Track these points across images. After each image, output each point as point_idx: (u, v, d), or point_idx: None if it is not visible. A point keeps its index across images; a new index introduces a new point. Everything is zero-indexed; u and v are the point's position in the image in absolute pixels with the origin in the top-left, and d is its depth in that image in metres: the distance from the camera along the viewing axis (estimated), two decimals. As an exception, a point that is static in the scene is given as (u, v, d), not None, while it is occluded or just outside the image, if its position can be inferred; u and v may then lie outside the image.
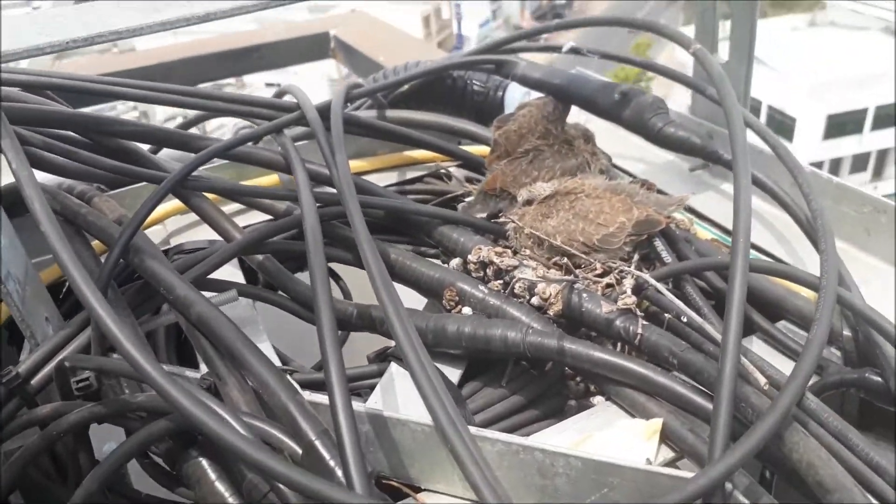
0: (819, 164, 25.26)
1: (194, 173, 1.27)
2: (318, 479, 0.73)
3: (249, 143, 1.28)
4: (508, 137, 1.30)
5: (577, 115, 1.46)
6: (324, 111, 1.29)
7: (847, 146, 25.65)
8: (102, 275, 1.04)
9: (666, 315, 1.09)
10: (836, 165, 25.95)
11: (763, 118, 25.82)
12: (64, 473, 1.08)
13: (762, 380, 0.87)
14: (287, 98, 1.38)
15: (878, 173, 26.62)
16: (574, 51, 1.52)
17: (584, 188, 1.24)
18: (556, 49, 1.54)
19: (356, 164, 1.65)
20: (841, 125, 25.23)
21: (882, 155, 26.27)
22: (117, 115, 3.79)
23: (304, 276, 1.50)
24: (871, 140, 25.62)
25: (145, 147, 1.41)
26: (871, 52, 25.55)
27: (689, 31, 1.47)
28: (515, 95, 1.60)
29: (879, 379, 0.97)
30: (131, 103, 4.57)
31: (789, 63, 25.37)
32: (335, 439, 0.79)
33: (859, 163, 26.20)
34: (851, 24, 28.23)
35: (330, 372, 0.82)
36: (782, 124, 25.61)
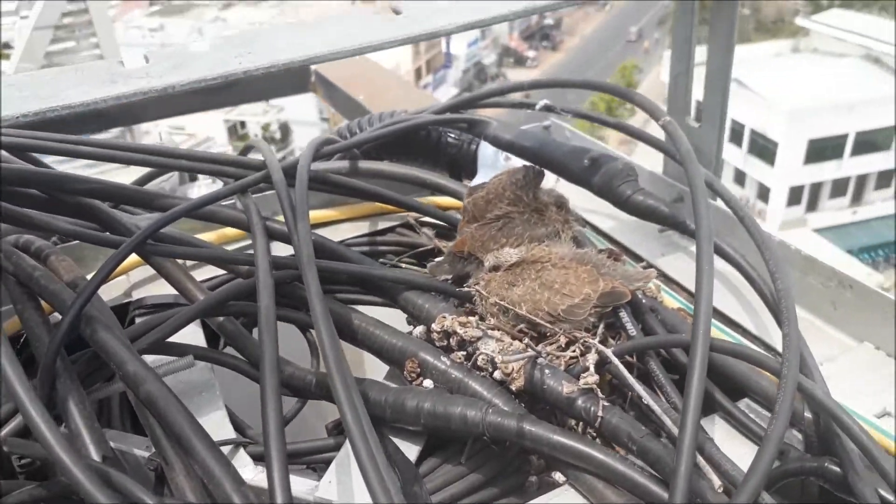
0: (800, 189, 25.63)
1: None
2: None
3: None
4: (477, 204, 1.29)
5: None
6: (290, 170, 1.27)
7: (828, 171, 26.00)
8: (51, 346, 1.01)
9: (632, 393, 1.08)
10: (816, 190, 26.32)
11: (745, 142, 26.20)
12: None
13: (717, 482, 0.86)
14: (253, 155, 1.36)
15: (857, 198, 26.99)
16: (547, 108, 1.52)
17: (551, 257, 1.23)
18: (529, 106, 1.54)
19: (326, 214, 1.63)
20: (822, 150, 25.59)
21: (861, 180, 26.66)
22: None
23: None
24: (851, 165, 26.00)
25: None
26: (851, 79, 26.01)
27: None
28: (489, 150, 1.59)
29: (838, 470, 0.96)
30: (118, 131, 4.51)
31: (772, 88, 25.73)
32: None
33: (839, 188, 26.56)
34: (833, 51, 28.72)
35: (272, 467, 0.80)
36: (764, 148, 25.96)
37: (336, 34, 1.04)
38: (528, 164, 1.60)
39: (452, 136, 1.62)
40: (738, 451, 1.00)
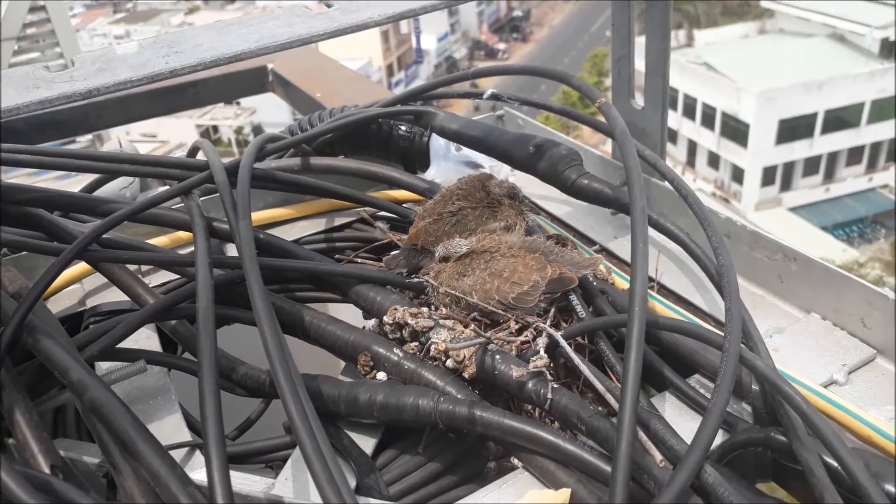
0: (773, 169, 25.93)
1: (103, 236, 1.23)
2: None
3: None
4: (427, 208, 1.31)
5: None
6: (234, 169, 1.26)
7: (799, 150, 26.33)
8: (-6, 357, 1.00)
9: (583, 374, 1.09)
10: (789, 169, 26.65)
11: (717, 125, 26.45)
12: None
13: (658, 457, 0.87)
14: (199, 156, 1.35)
15: (829, 176, 27.36)
16: (495, 97, 1.52)
17: (500, 247, 1.24)
18: (477, 95, 1.54)
19: (282, 212, 1.63)
20: (793, 130, 25.91)
21: (833, 158, 27.02)
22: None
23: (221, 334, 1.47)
24: (821, 143, 26.35)
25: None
26: (818, 58, 26.34)
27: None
28: (440, 142, 1.59)
29: (784, 439, 0.97)
30: (87, 139, 4.44)
31: (741, 70, 26.00)
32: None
33: (811, 166, 26.91)
34: (799, 32, 29.07)
35: (211, 463, 0.80)
36: (736, 130, 26.23)
37: (265, 30, 1.03)
38: (479, 160, 1.63)
39: (404, 128, 1.62)
40: (690, 426, 1.01)
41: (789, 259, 1.25)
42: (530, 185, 1.52)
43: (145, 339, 1.30)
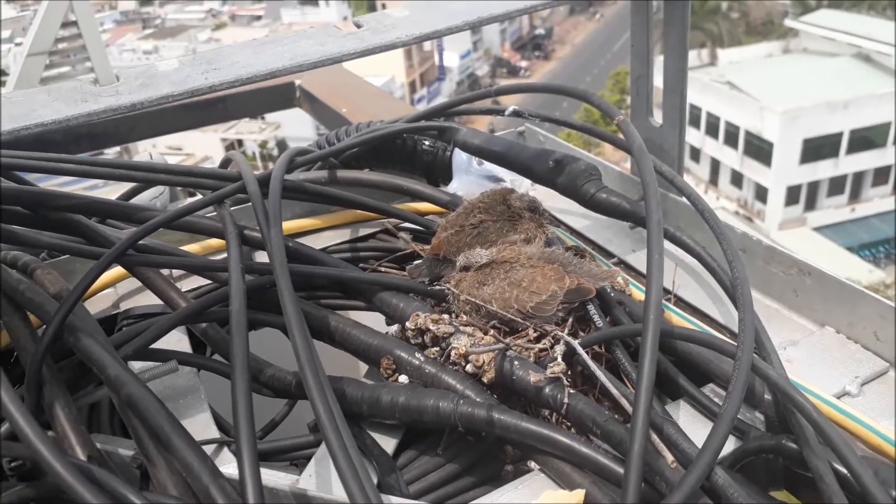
0: (797, 188, 25.68)
1: (138, 242, 1.29)
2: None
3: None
4: (449, 220, 1.36)
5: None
6: (265, 180, 1.31)
7: (824, 169, 26.08)
8: (36, 355, 1.05)
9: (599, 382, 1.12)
10: (813, 189, 26.39)
11: (741, 144, 26.27)
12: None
13: (669, 458, 0.90)
14: (231, 168, 1.41)
15: (855, 196, 27.04)
16: (516, 114, 1.56)
17: (520, 258, 1.28)
18: (499, 112, 1.59)
19: (308, 223, 1.68)
20: (817, 149, 25.68)
21: (858, 177, 26.72)
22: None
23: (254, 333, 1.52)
24: (847, 163, 26.07)
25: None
26: (844, 78, 26.15)
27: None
28: (462, 157, 1.64)
29: (794, 446, 0.99)
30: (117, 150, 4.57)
31: (765, 89, 25.87)
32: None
33: (836, 186, 26.62)
34: (824, 51, 28.90)
35: (242, 457, 0.84)
36: (760, 149, 26.06)
37: (298, 49, 1.09)
38: (500, 174, 1.67)
39: (427, 143, 1.67)
40: (703, 434, 1.03)
41: (804, 273, 1.28)
42: (550, 199, 1.56)
43: (176, 341, 1.36)
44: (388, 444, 1.14)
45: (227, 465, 1.07)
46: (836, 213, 26.61)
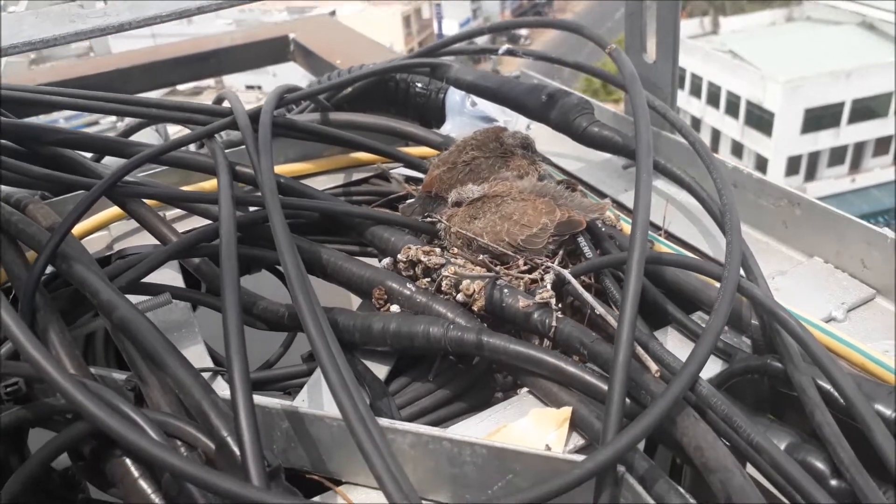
0: (798, 158, 25.57)
1: (130, 178, 1.29)
2: (211, 471, 0.75)
3: (184, 148, 1.31)
4: (441, 158, 1.36)
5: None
6: (256, 115, 1.31)
7: (825, 139, 25.93)
8: (30, 280, 1.06)
9: (588, 309, 1.14)
10: (814, 159, 26.26)
11: (742, 113, 26.09)
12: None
13: (653, 367, 0.91)
14: (225, 105, 1.41)
15: (855, 166, 26.93)
16: (510, 52, 1.56)
17: (511, 192, 1.28)
18: (492, 51, 1.58)
19: (302, 167, 1.68)
20: (819, 119, 25.50)
21: (859, 148, 26.58)
22: (100, 129, 3.78)
23: (248, 278, 1.53)
24: (848, 133, 25.91)
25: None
26: (847, 47, 25.86)
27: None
28: (456, 98, 1.63)
29: (779, 365, 1.01)
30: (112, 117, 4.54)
31: (767, 58, 25.61)
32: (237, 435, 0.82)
33: (837, 156, 26.50)
34: (828, 19, 28.55)
35: (233, 372, 0.85)
36: (761, 119, 25.88)
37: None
38: (494, 115, 1.66)
39: (420, 85, 1.66)
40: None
41: (793, 204, 1.28)
42: (542, 143, 1.56)
43: (171, 279, 1.36)
44: (380, 371, 1.16)
45: (220, 394, 1.09)
46: (837, 184, 26.50)
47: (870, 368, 1.04)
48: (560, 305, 1.14)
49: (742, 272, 1.07)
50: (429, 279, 1.23)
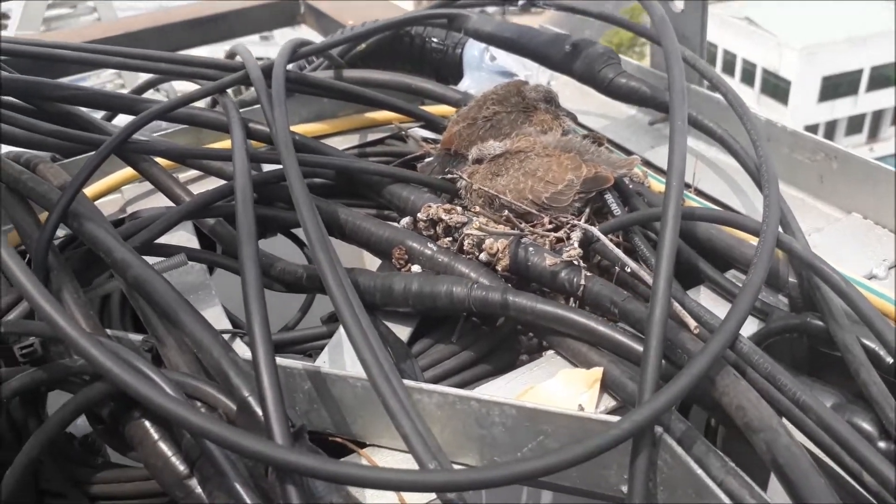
0: (815, 127, 25.19)
1: (142, 137, 1.25)
2: (235, 430, 0.72)
3: (194, 105, 1.26)
4: (461, 113, 1.31)
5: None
6: (269, 70, 1.26)
7: (842, 108, 25.51)
8: (42, 239, 1.03)
9: (616, 268, 1.09)
10: (831, 127, 25.86)
11: (758, 82, 25.68)
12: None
13: (692, 324, 0.87)
14: (237, 60, 1.36)
15: (873, 135, 26.51)
16: (530, 3, 1.49)
17: (535, 147, 1.23)
18: (511, 2, 1.52)
19: (316, 127, 1.63)
20: (836, 87, 25.07)
21: (878, 116, 26.15)
22: (100, 84, 3.74)
23: (262, 242, 1.50)
24: (866, 101, 25.48)
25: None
26: (865, 13, 25.29)
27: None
28: (474, 52, 1.57)
29: (820, 323, 0.96)
30: (112, 71, 4.49)
31: (784, 25, 25.11)
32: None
33: (855, 124, 26.09)
34: (846, -16, 27.88)
35: (253, 328, 0.82)
36: (777, 87, 25.47)
37: None
38: (513, 69, 1.60)
39: (436, 40, 1.61)
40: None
41: (830, 158, 1.23)
42: (564, 101, 1.50)
43: (186, 240, 1.33)
44: (402, 332, 1.12)
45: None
46: (854, 153, 26.12)
47: (915, 326, 0.99)
48: (588, 266, 1.10)
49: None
50: (450, 238, 1.19)
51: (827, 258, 1.10)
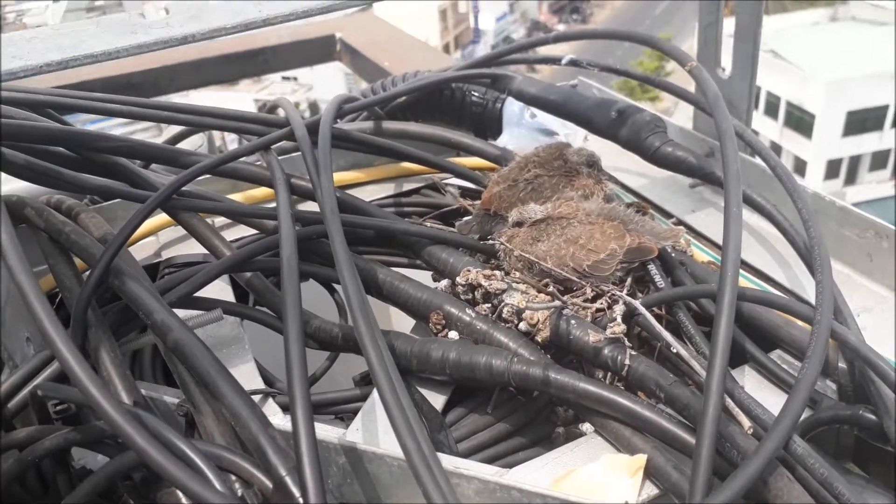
0: (838, 162, 24.99)
1: (182, 189, 1.25)
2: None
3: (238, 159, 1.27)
4: (502, 174, 1.30)
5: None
6: (314, 127, 1.27)
7: (867, 143, 25.29)
8: (82, 297, 1.03)
9: (663, 345, 1.07)
10: (855, 163, 25.64)
11: (782, 114, 25.58)
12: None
13: (746, 423, 0.84)
14: (279, 112, 1.36)
15: (898, 171, 26.22)
16: (573, 63, 1.49)
17: (577, 214, 1.21)
18: (555, 61, 1.51)
19: (352, 176, 1.63)
20: (861, 122, 24.89)
21: (903, 152, 25.88)
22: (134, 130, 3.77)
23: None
24: (891, 137, 25.24)
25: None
26: (892, 48, 25.15)
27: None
28: (514, 108, 1.57)
29: (873, 417, 0.93)
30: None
31: (810, 58, 25.03)
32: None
33: (879, 160, 25.83)
34: (872, 20, 27.79)
35: (296, 405, 0.81)
36: (801, 120, 25.33)
37: (358, -19, 1.03)
38: (553, 127, 1.60)
39: (476, 94, 1.60)
40: (770, 401, 0.98)
41: (881, 236, 1.20)
42: (604, 158, 1.49)
43: (219, 290, 1.33)
44: (436, 400, 1.11)
45: (273, 417, 1.05)
46: (878, 189, 25.84)
47: (971, 424, 0.96)
48: (628, 339, 1.08)
49: (830, 313, 0.99)
50: (489, 305, 1.18)
51: (876, 341, 1.08)
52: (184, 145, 1.82)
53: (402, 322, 1.32)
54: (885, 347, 1.07)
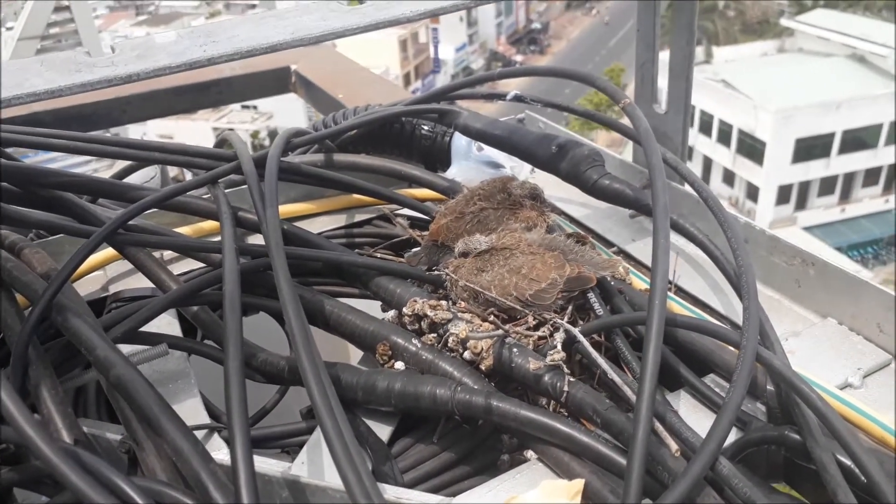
0: (788, 188, 25.76)
1: (129, 223, 1.26)
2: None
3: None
4: (449, 207, 1.33)
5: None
6: (262, 160, 1.28)
7: (816, 169, 26.17)
8: (23, 334, 1.02)
9: (600, 371, 1.10)
10: (804, 188, 26.48)
11: (734, 142, 26.33)
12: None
13: (673, 446, 0.88)
14: (226, 149, 1.38)
15: (845, 196, 27.16)
16: (518, 98, 1.54)
17: (520, 244, 1.25)
18: (500, 97, 1.56)
19: (303, 207, 1.65)
20: (810, 149, 25.75)
21: (849, 178, 26.83)
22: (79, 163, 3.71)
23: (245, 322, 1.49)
24: (838, 164, 26.17)
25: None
26: (837, 78, 26.20)
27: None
28: (462, 142, 1.61)
29: (798, 437, 0.98)
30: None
31: (759, 88, 25.91)
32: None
33: (827, 186, 26.73)
34: (818, 51, 28.95)
35: (234, 438, 0.81)
36: (753, 148, 26.11)
37: (300, 23, 1.06)
38: (500, 160, 1.64)
39: (426, 128, 1.64)
40: (704, 424, 1.02)
41: (807, 264, 1.26)
42: (549, 188, 1.54)
43: (167, 324, 1.33)
44: (382, 431, 1.12)
45: (218, 452, 1.05)
46: (827, 214, 26.72)
47: (888, 441, 1.01)
48: (569, 365, 1.11)
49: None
50: (435, 335, 1.20)
51: (803, 365, 1.13)
52: (136, 177, 1.82)
53: (355, 349, 1.33)
54: (813, 370, 1.12)
